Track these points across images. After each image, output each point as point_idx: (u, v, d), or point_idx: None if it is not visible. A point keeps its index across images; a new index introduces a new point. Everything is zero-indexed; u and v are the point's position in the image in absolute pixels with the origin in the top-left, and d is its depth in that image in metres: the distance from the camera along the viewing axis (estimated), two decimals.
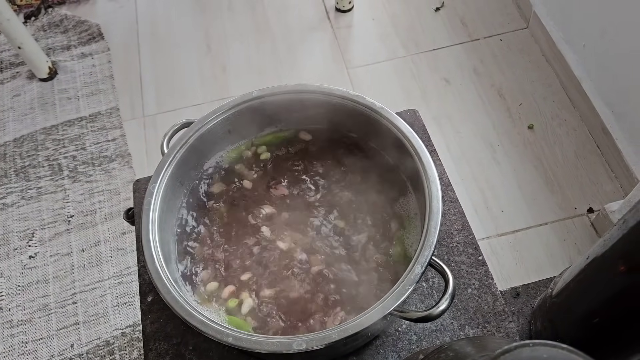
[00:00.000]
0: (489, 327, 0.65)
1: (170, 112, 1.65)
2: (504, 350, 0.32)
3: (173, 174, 0.64)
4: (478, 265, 0.70)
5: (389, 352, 0.64)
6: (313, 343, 0.50)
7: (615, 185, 1.40)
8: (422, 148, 0.61)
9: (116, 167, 1.54)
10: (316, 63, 1.74)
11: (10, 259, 1.41)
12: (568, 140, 1.49)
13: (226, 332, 0.51)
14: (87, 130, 1.63)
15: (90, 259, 1.39)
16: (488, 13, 1.78)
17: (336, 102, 0.67)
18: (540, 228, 1.36)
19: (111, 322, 1.30)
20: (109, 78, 1.74)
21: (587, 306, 0.61)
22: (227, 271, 0.64)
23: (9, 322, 1.32)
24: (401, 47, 1.73)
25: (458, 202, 0.76)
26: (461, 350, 0.45)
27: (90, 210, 1.47)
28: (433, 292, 0.68)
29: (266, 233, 0.66)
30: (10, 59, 1.82)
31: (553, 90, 1.59)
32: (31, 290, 1.36)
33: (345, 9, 1.83)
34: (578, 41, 1.50)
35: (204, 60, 1.77)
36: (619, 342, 0.56)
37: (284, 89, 0.68)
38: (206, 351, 0.66)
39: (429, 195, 0.58)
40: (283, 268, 0.63)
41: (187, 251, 0.65)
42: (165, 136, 0.67)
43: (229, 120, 0.68)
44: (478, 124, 1.55)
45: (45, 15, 1.92)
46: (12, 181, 1.54)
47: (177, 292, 0.54)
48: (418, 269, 0.52)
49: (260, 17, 1.86)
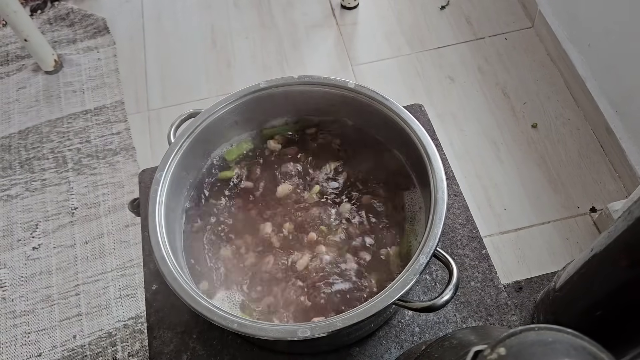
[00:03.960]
0: (491, 320, 0.66)
1: (174, 107, 1.66)
2: (510, 334, 0.32)
3: (179, 163, 0.65)
4: (481, 258, 0.70)
5: (392, 343, 0.65)
6: (317, 330, 0.50)
7: (618, 184, 1.40)
8: (428, 139, 0.61)
9: (120, 160, 1.55)
10: (321, 60, 1.74)
11: (14, 250, 1.41)
12: (572, 139, 1.49)
13: (231, 319, 0.52)
14: (92, 124, 1.63)
15: (94, 251, 1.39)
16: (493, 12, 1.78)
17: (342, 94, 0.68)
18: (543, 226, 1.36)
19: (114, 314, 1.30)
20: (114, 72, 1.75)
21: (590, 299, 0.61)
22: (230, 266, 0.64)
23: (12, 313, 1.32)
24: (406, 45, 1.74)
25: (462, 196, 0.76)
26: (464, 338, 0.45)
27: (94, 202, 1.48)
28: (436, 284, 0.69)
29: (270, 228, 0.66)
30: (17, 52, 1.82)
31: (557, 89, 1.59)
32: (34, 281, 1.36)
33: (350, 6, 1.83)
34: (583, 41, 1.50)
35: (209, 55, 1.77)
36: (622, 334, 0.57)
37: (291, 80, 0.68)
38: (210, 339, 0.66)
39: (434, 186, 0.58)
40: (288, 263, 0.63)
41: (193, 240, 0.65)
42: (172, 126, 0.67)
43: (235, 111, 0.69)
44: (482, 122, 1.55)
45: (52, 9, 1.92)
46: (16, 173, 1.55)
47: (183, 280, 0.55)
48: (423, 259, 0.53)
49: (265, 13, 1.87)
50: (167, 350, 0.66)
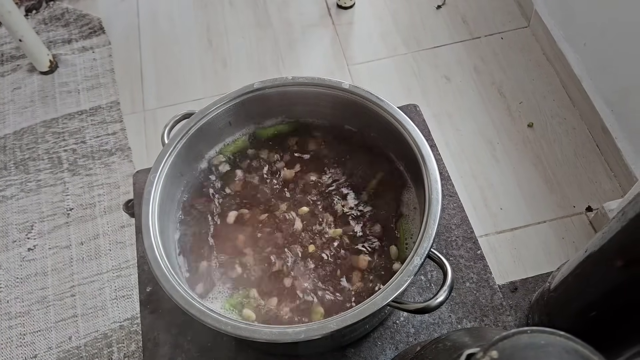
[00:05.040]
0: (486, 321, 0.66)
1: (170, 107, 1.65)
2: (502, 337, 0.32)
3: (173, 165, 0.64)
4: (476, 259, 0.70)
5: (387, 345, 0.65)
6: (311, 332, 0.50)
7: (614, 184, 1.41)
8: (422, 140, 0.61)
9: (116, 161, 1.54)
10: (317, 59, 1.74)
11: (9, 251, 1.41)
12: (567, 138, 1.50)
13: (225, 321, 0.51)
14: (87, 124, 1.63)
15: (89, 252, 1.39)
16: (489, 11, 1.78)
17: (337, 95, 0.67)
18: (539, 226, 1.36)
19: (109, 315, 1.30)
20: (110, 72, 1.74)
21: (585, 300, 0.61)
22: (223, 265, 0.64)
23: (7, 314, 1.32)
24: (402, 45, 1.74)
25: (457, 196, 0.76)
26: (459, 340, 0.45)
27: (90, 203, 1.47)
28: (431, 285, 0.69)
29: (266, 226, 0.66)
30: (11, 52, 1.81)
31: (553, 88, 1.59)
32: (30, 282, 1.36)
33: (346, 6, 1.83)
34: (579, 40, 1.50)
35: (204, 55, 1.77)
36: (616, 335, 0.57)
37: (285, 80, 0.68)
38: (205, 341, 0.66)
39: (428, 187, 0.58)
40: (283, 262, 0.63)
41: (186, 242, 0.65)
42: (166, 127, 0.67)
43: (229, 112, 0.69)
44: (478, 121, 1.55)
45: (47, 9, 1.91)
46: (11, 174, 1.54)
47: (176, 282, 0.54)
48: (417, 260, 0.53)
49: (261, 13, 1.86)
50: (162, 352, 0.65)
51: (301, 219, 0.65)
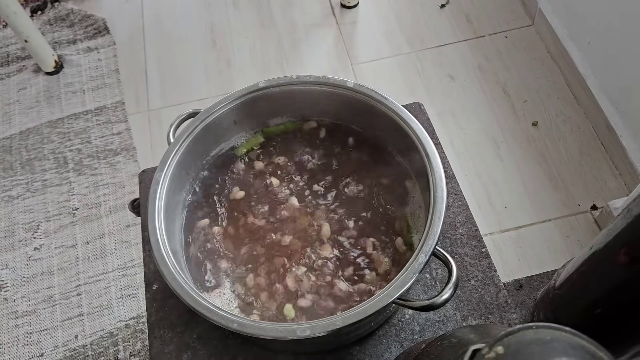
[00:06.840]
0: (491, 319, 0.66)
1: (175, 107, 1.66)
2: (508, 332, 0.32)
3: (179, 163, 0.65)
4: (481, 257, 0.70)
5: (392, 342, 0.65)
6: (317, 330, 0.50)
7: (619, 182, 1.40)
8: (427, 138, 0.61)
9: (121, 161, 1.55)
10: (321, 59, 1.74)
11: (15, 250, 1.42)
12: (572, 137, 1.49)
13: (231, 319, 0.52)
14: (93, 124, 1.63)
15: (95, 251, 1.40)
16: (493, 10, 1.78)
17: (342, 94, 0.68)
18: (544, 225, 1.36)
19: (115, 314, 1.30)
20: (115, 72, 1.75)
21: (590, 297, 0.61)
22: (231, 264, 0.64)
23: (13, 313, 1.33)
24: (406, 44, 1.74)
25: (462, 194, 0.76)
26: (464, 336, 0.45)
27: (95, 203, 1.48)
28: (436, 283, 0.69)
29: (270, 226, 0.66)
30: (17, 53, 1.82)
31: (557, 87, 1.59)
32: (36, 281, 1.37)
33: (350, 5, 1.83)
34: (583, 38, 1.50)
35: (209, 55, 1.77)
36: (622, 332, 0.57)
37: (289, 79, 0.68)
38: (210, 339, 0.66)
39: (433, 185, 0.58)
40: (288, 261, 0.63)
41: (193, 241, 0.66)
42: (172, 126, 0.67)
43: (235, 111, 0.69)
44: (482, 120, 1.55)
45: (52, 9, 1.92)
46: (17, 174, 1.55)
47: (182, 279, 0.55)
48: (422, 258, 0.53)
49: (265, 13, 1.87)
50: (168, 350, 0.66)
51: (308, 219, 0.66)
